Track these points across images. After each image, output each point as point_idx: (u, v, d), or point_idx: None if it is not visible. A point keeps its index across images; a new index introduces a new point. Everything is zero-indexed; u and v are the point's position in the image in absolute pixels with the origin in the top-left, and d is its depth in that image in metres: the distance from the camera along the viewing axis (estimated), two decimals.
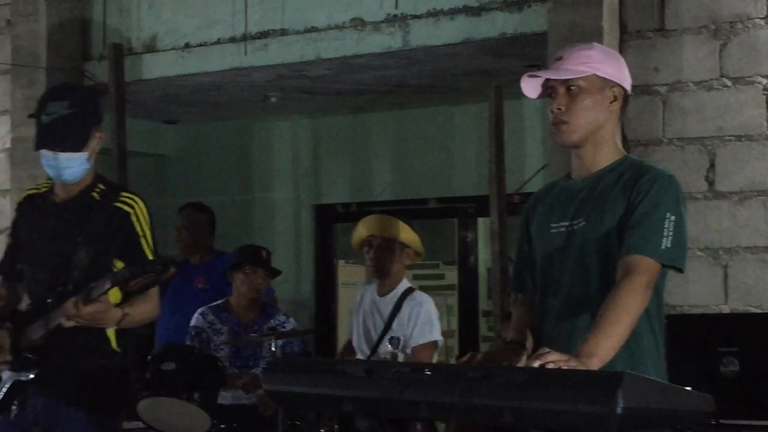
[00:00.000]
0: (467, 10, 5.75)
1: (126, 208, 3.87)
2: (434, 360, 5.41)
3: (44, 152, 3.84)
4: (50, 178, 4.01)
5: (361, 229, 5.57)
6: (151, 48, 6.65)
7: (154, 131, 8.46)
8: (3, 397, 3.93)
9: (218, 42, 6.43)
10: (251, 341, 5.74)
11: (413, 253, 5.55)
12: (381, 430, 2.82)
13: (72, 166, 3.84)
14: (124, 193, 3.93)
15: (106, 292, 3.65)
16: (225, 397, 5.54)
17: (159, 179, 8.53)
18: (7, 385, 3.94)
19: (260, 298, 6.05)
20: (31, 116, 3.95)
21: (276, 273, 6.12)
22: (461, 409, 2.59)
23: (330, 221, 8.27)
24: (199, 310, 6.02)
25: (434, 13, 5.84)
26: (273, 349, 5.35)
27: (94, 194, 3.92)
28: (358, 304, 5.61)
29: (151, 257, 3.89)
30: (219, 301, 6.08)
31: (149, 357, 5.30)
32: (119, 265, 3.80)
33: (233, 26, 6.37)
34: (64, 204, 3.93)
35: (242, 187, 8.46)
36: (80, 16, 6.79)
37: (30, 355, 3.85)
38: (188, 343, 5.86)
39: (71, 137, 3.81)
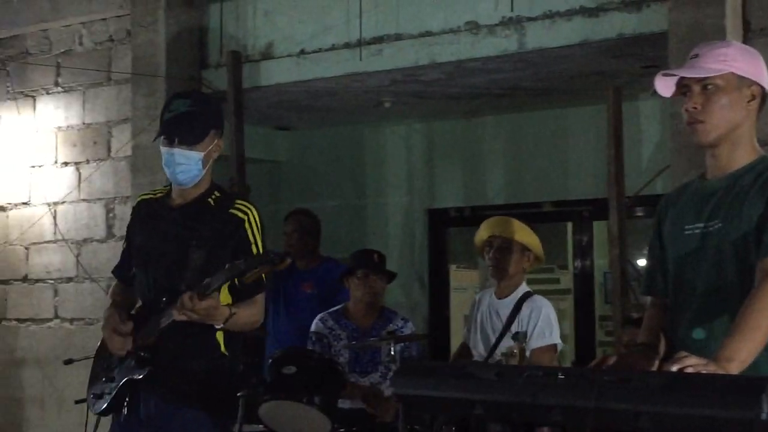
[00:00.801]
0: (584, 11, 5.68)
1: (240, 215, 3.91)
2: (554, 363, 5.35)
3: (162, 150, 3.92)
4: (168, 185, 4.09)
5: (483, 230, 5.56)
6: (267, 55, 6.72)
7: (267, 138, 8.53)
8: (115, 395, 3.98)
9: (333, 48, 6.45)
10: (370, 346, 5.74)
11: (533, 257, 5.51)
12: None
13: (185, 163, 3.89)
14: (239, 201, 3.98)
15: (221, 286, 3.70)
16: (344, 401, 5.55)
17: (273, 185, 8.61)
18: (120, 384, 3.97)
19: (378, 303, 6.07)
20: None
21: (392, 276, 6.12)
22: (596, 414, 2.54)
23: (443, 225, 8.24)
24: (319, 316, 6.06)
25: (550, 15, 5.77)
26: (392, 353, 5.34)
27: (210, 200, 3.97)
28: (476, 308, 5.58)
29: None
30: (338, 307, 6.10)
31: (270, 360, 5.35)
32: None
33: (348, 32, 6.39)
34: (180, 208, 3.99)
35: (355, 192, 8.48)
36: (198, 25, 6.89)
37: (143, 354, 3.90)
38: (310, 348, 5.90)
39: (187, 130, 3.88)
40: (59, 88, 7.27)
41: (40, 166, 7.31)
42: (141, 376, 3.90)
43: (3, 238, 7.45)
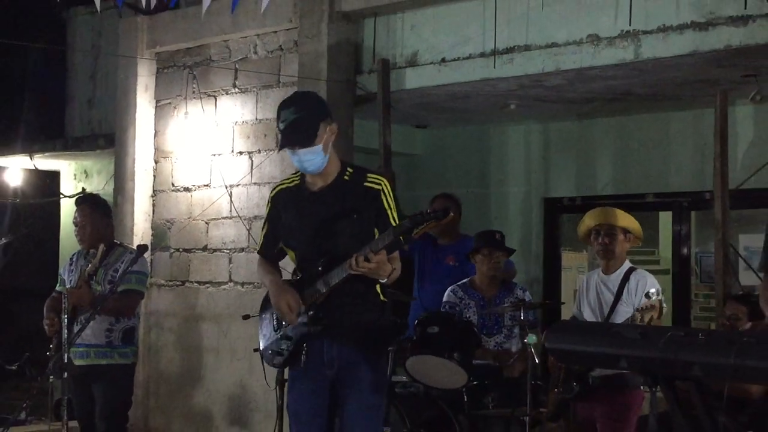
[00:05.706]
0: (695, 25, 5.51)
1: (375, 186, 3.95)
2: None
3: (288, 153, 3.94)
4: (296, 173, 4.10)
5: (588, 220, 5.58)
6: (412, 62, 6.67)
7: (407, 134, 8.51)
8: (292, 351, 3.98)
9: (470, 57, 6.37)
10: (502, 311, 5.74)
11: (634, 237, 5.50)
12: (653, 387, 2.73)
13: (311, 158, 3.91)
14: (371, 175, 4.00)
15: (390, 243, 3.70)
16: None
17: (411, 175, 8.58)
18: (296, 340, 3.97)
19: (500, 275, 6.03)
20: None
21: (510, 252, 6.08)
22: (735, 370, 2.45)
23: (557, 212, 8.14)
24: (450, 288, 6.06)
25: (664, 29, 5.61)
26: (522, 317, 5.30)
27: (345, 177, 4.00)
28: (584, 286, 5.58)
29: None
30: (465, 280, 6.10)
31: (416, 321, 5.35)
32: (377, 233, 3.86)
33: (483, 43, 6.30)
34: (321, 191, 4.00)
35: (481, 181, 8.42)
36: (354, 37, 6.88)
37: (316, 312, 3.91)
38: None
39: (301, 135, 3.87)
40: (237, 89, 7.35)
41: (219, 155, 7.40)
42: (316, 332, 3.93)
43: (187, 214, 7.58)
